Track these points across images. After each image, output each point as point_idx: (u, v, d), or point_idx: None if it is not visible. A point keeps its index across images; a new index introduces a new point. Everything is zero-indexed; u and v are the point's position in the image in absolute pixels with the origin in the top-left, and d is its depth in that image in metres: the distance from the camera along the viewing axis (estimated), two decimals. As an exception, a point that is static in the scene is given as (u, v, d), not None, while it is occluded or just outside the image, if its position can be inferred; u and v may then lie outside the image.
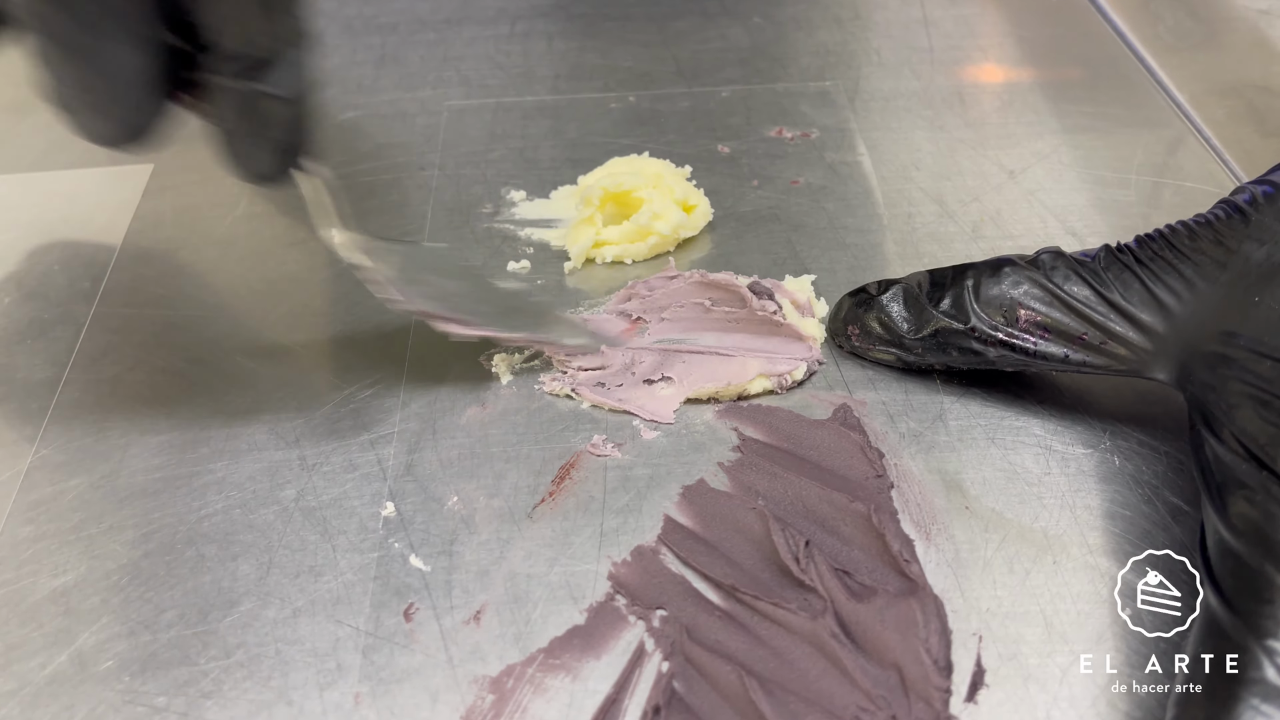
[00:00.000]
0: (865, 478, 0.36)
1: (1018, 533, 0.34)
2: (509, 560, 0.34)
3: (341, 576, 0.34)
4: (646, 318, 0.42)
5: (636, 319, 0.42)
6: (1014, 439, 0.38)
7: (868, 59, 0.58)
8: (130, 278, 0.45)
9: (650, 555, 0.34)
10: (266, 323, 0.43)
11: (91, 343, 0.42)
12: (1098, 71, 0.57)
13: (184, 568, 0.34)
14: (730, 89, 0.56)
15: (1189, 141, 0.52)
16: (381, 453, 0.38)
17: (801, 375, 0.39)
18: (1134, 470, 0.36)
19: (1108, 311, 0.35)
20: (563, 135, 0.53)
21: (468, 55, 0.59)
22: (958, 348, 0.37)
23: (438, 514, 0.36)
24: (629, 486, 0.36)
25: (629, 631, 0.32)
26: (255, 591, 0.34)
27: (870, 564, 0.33)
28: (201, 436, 0.38)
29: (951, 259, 0.45)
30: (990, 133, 0.52)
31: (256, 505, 0.36)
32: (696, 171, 0.50)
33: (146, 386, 0.40)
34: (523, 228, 0.47)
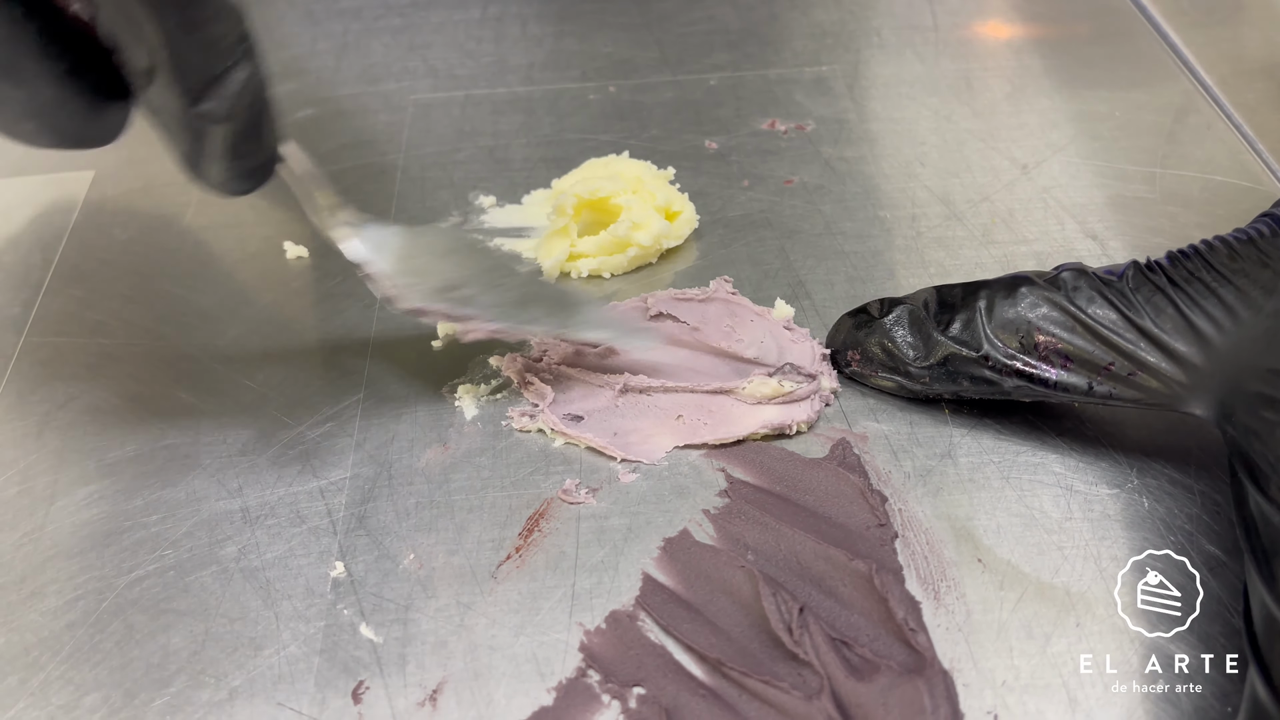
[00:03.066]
0: (866, 527, 0.32)
1: (1036, 590, 0.31)
2: (470, 629, 0.31)
3: (285, 650, 0.31)
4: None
5: (658, 314, 0.38)
6: (1031, 478, 0.34)
7: (867, 40, 0.54)
8: (64, 302, 0.41)
9: (627, 622, 0.31)
10: (211, 350, 0.39)
11: (20, 379, 0.39)
12: (1116, 50, 0.53)
13: (109, 641, 0.31)
14: (718, 76, 0.52)
15: (1217, 128, 0.47)
16: (332, 502, 0.34)
17: (814, 419, 0.36)
18: (1165, 513, 0.33)
19: (1137, 339, 0.31)
20: (537, 131, 0.49)
21: (435, 42, 0.55)
22: (969, 377, 0.34)
23: (392, 574, 0.32)
24: (604, 539, 0.33)
25: (602, 714, 0.29)
26: (188, 669, 0.30)
27: (872, 631, 0.30)
28: (135, 486, 0.35)
29: (960, 267, 0.41)
30: (1001, 123, 0.48)
31: (193, 566, 0.33)
32: (681, 171, 0.46)
33: (77, 428, 0.37)
34: (492, 238, 0.43)
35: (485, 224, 0.44)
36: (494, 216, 0.45)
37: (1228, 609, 0.30)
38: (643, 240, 0.41)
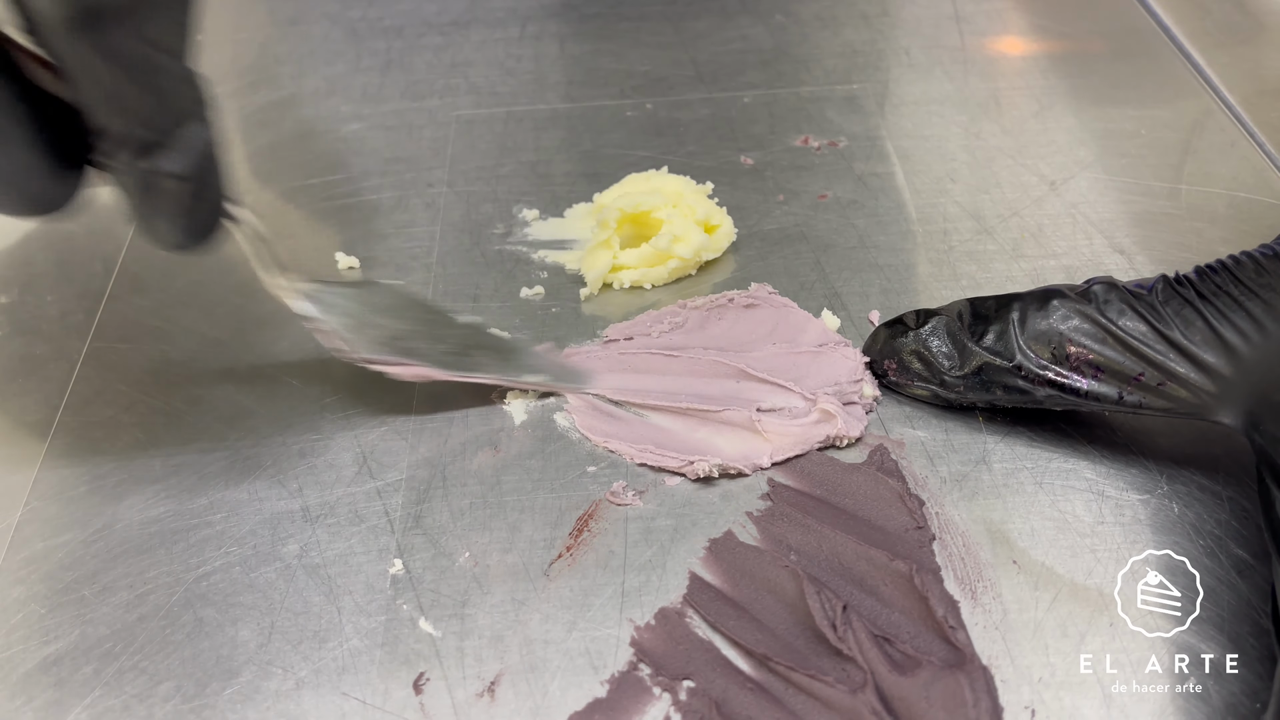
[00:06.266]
0: (905, 529, 0.34)
1: (1070, 591, 0.32)
2: (524, 624, 0.32)
3: (347, 643, 0.32)
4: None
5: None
6: (1063, 483, 0.35)
7: (897, 60, 0.56)
8: (126, 309, 0.43)
9: (675, 618, 0.32)
10: (268, 357, 0.41)
11: (85, 382, 0.40)
12: (1141, 70, 0.54)
13: (180, 633, 0.32)
14: (752, 94, 0.54)
15: (1241, 146, 0.49)
16: (389, 502, 0.36)
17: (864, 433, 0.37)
18: (1194, 518, 0.34)
19: (1166, 350, 0.32)
20: (577, 147, 0.51)
21: (476, 60, 0.57)
22: (1003, 386, 0.35)
23: (448, 571, 0.34)
24: (651, 539, 0.34)
25: (654, 705, 0.30)
26: (256, 660, 0.32)
27: (913, 629, 0.31)
28: (199, 485, 0.36)
29: (991, 280, 0.42)
30: (1029, 140, 0.50)
31: (257, 562, 0.34)
32: (718, 186, 0.47)
33: (142, 430, 0.38)
34: (536, 249, 0.45)
35: (529, 236, 0.46)
36: (537, 229, 0.46)
37: (1257, 611, 0.31)
38: (683, 253, 0.42)
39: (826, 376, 0.38)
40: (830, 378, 0.38)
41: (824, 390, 0.37)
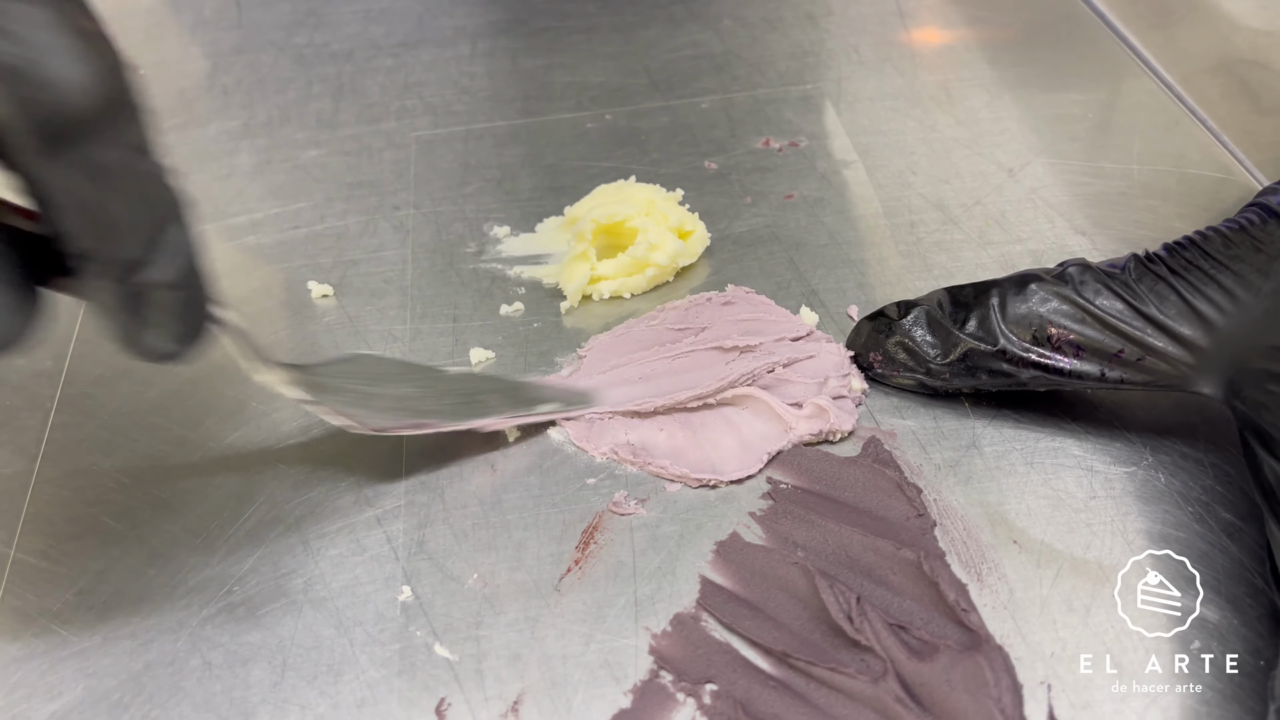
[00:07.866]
0: (906, 518, 0.34)
1: (1071, 566, 0.33)
2: (541, 641, 0.32)
3: (364, 674, 0.32)
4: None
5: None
6: (1053, 461, 0.36)
7: (847, 58, 0.57)
8: (96, 350, 0.42)
9: (691, 623, 0.32)
10: (251, 389, 0.40)
11: (61, 429, 0.39)
12: (1082, 55, 0.56)
13: (190, 679, 0.32)
14: (709, 99, 0.54)
15: (1185, 124, 0.50)
16: (390, 529, 0.35)
17: (855, 426, 0.37)
18: (1181, 486, 0.35)
19: (1144, 326, 0.33)
20: (541, 161, 0.51)
21: (430, 80, 0.57)
22: (988, 370, 0.36)
23: (458, 594, 0.33)
24: (659, 546, 0.34)
25: (679, 711, 0.30)
26: (271, 699, 0.31)
27: (926, 615, 0.31)
28: (193, 526, 0.36)
29: (962, 269, 0.43)
30: (983, 129, 0.51)
31: (261, 600, 0.34)
32: (686, 192, 0.47)
33: (126, 474, 0.37)
34: (511, 266, 0.45)
35: (503, 253, 0.46)
36: (510, 246, 0.46)
37: (1251, 572, 0.32)
38: (660, 260, 0.42)
39: (813, 372, 0.38)
40: (818, 373, 0.38)
41: (813, 381, 0.38)
